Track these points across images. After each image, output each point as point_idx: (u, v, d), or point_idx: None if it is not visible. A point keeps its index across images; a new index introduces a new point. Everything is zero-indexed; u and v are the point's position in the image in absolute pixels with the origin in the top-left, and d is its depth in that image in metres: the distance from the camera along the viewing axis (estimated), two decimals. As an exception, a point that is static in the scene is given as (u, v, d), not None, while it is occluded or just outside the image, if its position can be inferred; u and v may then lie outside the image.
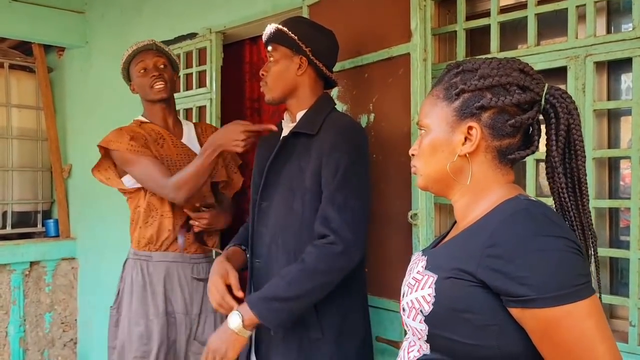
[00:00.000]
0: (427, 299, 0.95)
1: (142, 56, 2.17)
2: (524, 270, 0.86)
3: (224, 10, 2.90)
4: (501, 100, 0.97)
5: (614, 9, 1.73)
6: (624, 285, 1.67)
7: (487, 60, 1.02)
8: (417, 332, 0.98)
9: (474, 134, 0.99)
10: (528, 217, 0.90)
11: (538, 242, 0.87)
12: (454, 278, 0.93)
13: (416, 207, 1.82)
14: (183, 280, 2.16)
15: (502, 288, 0.88)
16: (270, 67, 1.74)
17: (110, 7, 3.72)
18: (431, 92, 1.07)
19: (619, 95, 1.73)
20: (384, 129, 1.98)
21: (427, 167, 1.05)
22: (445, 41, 2.07)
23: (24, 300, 3.83)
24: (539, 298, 0.85)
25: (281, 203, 1.68)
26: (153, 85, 2.14)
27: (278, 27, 1.73)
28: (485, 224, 0.95)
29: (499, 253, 0.88)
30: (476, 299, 0.91)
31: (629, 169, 1.66)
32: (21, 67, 4.06)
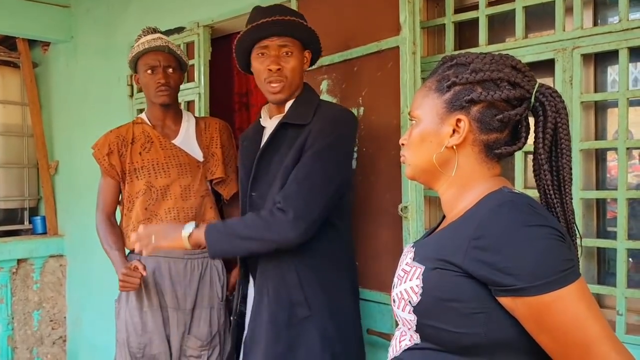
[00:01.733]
0: (415, 289, 0.97)
1: (152, 55, 2.13)
2: (512, 260, 0.88)
3: (212, 4, 2.88)
4: (491, 95, 0.98)
5: (600, 2, 1.75)
6: (611, 275, 1.70)
7: (481, 54, 1.04)
8: (407, 323, 1.01)
9: (461, 127, 1.00)
10: (513, 208, 0.92)
11: (523, 232, 0.89)
12: (440, 269, 0.95)
13: (406, 200, 1.83)
14: (175, 275, 2.14)
15: (490, 278, 0.89)
16: (289, 61, 1.67)
17: (96, 1, 3.68)
18: (424, 83, 1.09)
19: (605, 87, 1.75)
20: (373, 122, 1.99)
21: (415, 157, 1.06)
22: (434, 34, 2.08)
23: (12, 298, 3.79)
24: (529, 286, 0.87)
25: (271, 193, 1.67)
26: (157, 91, 2.13)
27: (294, 19, 1.66)
28: (471, 216, 0.96)
29: (486, 244, 0.90)
30: (462, 288, 0.93)
31: (616, 160, 1.68)
32: (5, 63, 4.00)
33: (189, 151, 2.21)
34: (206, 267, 2.19)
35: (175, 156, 2.18)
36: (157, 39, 2.14)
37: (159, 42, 2.13)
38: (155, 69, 2.12)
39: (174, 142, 2.21)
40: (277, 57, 1.65)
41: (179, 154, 2.19)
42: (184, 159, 2.18)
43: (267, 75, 1.66)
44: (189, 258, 2.16)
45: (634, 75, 1.71)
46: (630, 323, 1.61)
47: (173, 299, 2.14)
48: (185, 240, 1.63)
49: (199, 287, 2.16)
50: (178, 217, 2.14)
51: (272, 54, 1.65)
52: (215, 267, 2.22)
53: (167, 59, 2.14)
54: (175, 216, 2.14)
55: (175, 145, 2.21)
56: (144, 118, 2.25)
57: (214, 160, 2.23)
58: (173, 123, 2.25)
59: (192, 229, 1.63)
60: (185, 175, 2.17)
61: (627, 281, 1.57)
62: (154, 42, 2.12)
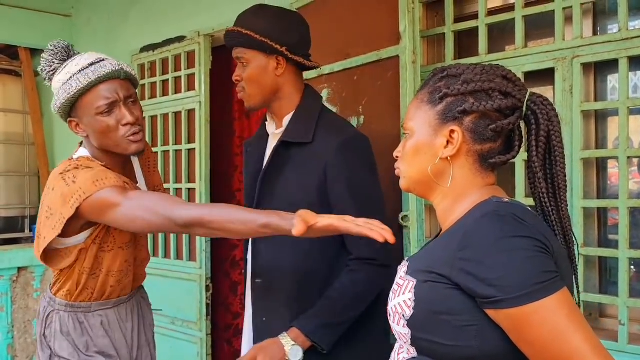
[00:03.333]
0: (407, 303, 0.97)
1: (106, 87, 1.49)
2: (491, 271, 0.88)
3: (213, 13, 2.89)
4: (483, 105, 0.99)
5: (600, 11, 1.75)
6: (613, 285, 1.69)
7: (471, 65, 1.04)
8: (402, 337, 1.01)
9: (455, 138, 1.00)
10: (495, 219, 0.92)
11: (503, 243, 0.89)
12: (431, 282, 0.95)
13: (407, 209, 1.83)
14: (122, 324, 1.71)
15: (474, 290, 0.90)
16: (244, 71, 1.56)
17: (97, 11, 3.70)
18: (416, 95, 1.09)
19: (605, 95, 1.75)
20: (373, 131, 1.98)
21: (410, 169, 1.06)
22: (434, 43, 2.08)
23: (12, 306, 3.78)
24: (506, 298, 0.87)
25: None
26: (129, 137, 1.52)
27: (240, 30, 1.55)
28: (459, 228, 0.96)
29: (469, 256, 0.90)
30: (453, 301, 0.92)
31: (616, 168, 1.68)
32: (7, 71, 4.02)
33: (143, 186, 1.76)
34: (138, 301, 1.80)
35: None
36: (100, 62, 1.51)
37: (108, 68, 1.50)
38: (115, 106, 1.50)
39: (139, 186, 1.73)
40: (239, 67, 1.58)
41: None
42: None
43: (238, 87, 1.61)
44: (127, 300, 1.74)
45: (634, 83, 1.71)
46: (633, 333, 1.60)
47: (127, 350, 1.72)
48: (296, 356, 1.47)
49: (139, 326, 1.77)
50: (142, 265, 1.77)
51: (239, 64, 1.59)
52: (143, 297, 1.84)
53: (125, 88, 1.53)
54: (140, 265, 1.76)
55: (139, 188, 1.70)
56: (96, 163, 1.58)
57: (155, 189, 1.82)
58: (130, 166, 1.71)
59: (302, 352, 1.45)
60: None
61: (629, 290, 1.57)
62: (100, 70, 1.48)
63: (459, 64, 1.06)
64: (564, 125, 1.67)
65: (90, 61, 1.50)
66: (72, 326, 1.63)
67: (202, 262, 2.93)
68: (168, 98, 3.14)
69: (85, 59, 1.52)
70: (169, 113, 3.14)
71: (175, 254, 3.13)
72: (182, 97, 3.05)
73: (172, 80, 3.12)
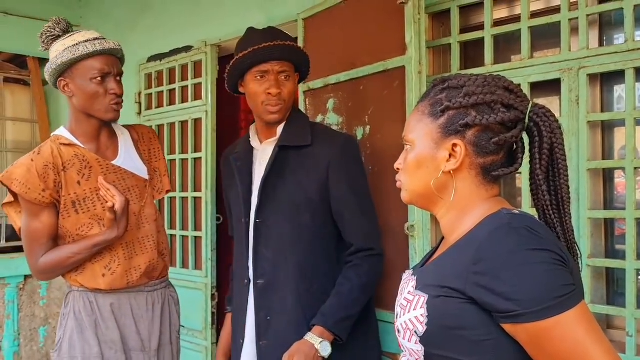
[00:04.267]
0: (420, 319, 0.95)
1: (104, 60, 1.68)
2: (509, 285, 0.87)
3: (219, 23, 2.91)
4: (485, 119, 0.97)
5: (606, 22, 1.75)
6: (620, 296, 1.68)
7: (472, 77, 1.03)
8: (414, 353, 0.98)
9: (458, 152, 0.99)
10: (510, 232, 0.91)
11: (520, 256, 0.88)
12: (444, 297, 0.93)
13: (412, 219, 1.83)
14: (137, 311, 1.80)
15: (490, 304, 0.88)
16: (287, 85, 1.67)
17: (105, 21, 3.73)
18: (417, 107, 1.08)
19: (612, 106, 1.75)
20: (379, 141, 1.99)
21: (412, 183, 1.05)
22: (440, 54, 2.09)
23: (19, 314, 3.79)
24: (526, 312, 0.85)
25: (283, 219, 1.66)
26: (111, 104, 1.71)
27: (292, 44, 1.68)
28: (471, 241, 0.95)
29: (484, 269, 0.89)
30: (468, 315, 0.91)
31: (622, 177, 1.67)
32: (16, 81, 4.05)
33: (133, 170, 1.82)
34: (165, 298, 1.90)
35: (121, 180, 1.78)
36: (101, 39, 1.71)
37: (111, 45, 1.71)
38: (108, 77, 1.69)
39: (115, 163, 1.79)
40: (277, 81, 1.65)
41: (124, 176, 1.79)
42: (130, 181, 1.80)
43: (266, 99, 1.65)
44: (150, 291, 1.85)
45: (640, 94, 1.71)
46: (641, 344, 1.60)
47: (137, 340, 1.80)
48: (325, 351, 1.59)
49: (162, 322, 1.86)
50: (134, 250, 1.79)
51: (272, 77, 1.65)
52: (171, 296, 1.94)
53: (118, 66, 1.74)
54: (132, 250, 1.79)
55: (117, 166, 1.78)
56: (68, 137, 1.76)
57: (158, 175, 1.92)
58: (108, 139, 1.81)
59: (329, 345, 1.59)
60: (134, 200, 1.80)
61: (637, 302, 1.56)
62: (106, 44, 1.69)
63: (460, 75, 1.05)
64: (571, 135, 1.67)
65: (96, 36, 1.72)
66: (82, 305, 1.76)
67: (207, 271, 2.94)
68: (175, 107, 3.16)
69: (91, 33, 1.74)
70: (175, 122, 3.15)
71: (181, 262, 3.14)
72: (188, 106, 3.06)
73: (179, 90, 3.14)
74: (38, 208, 1.69)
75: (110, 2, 3.71)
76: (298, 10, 2.34)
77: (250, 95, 1.69)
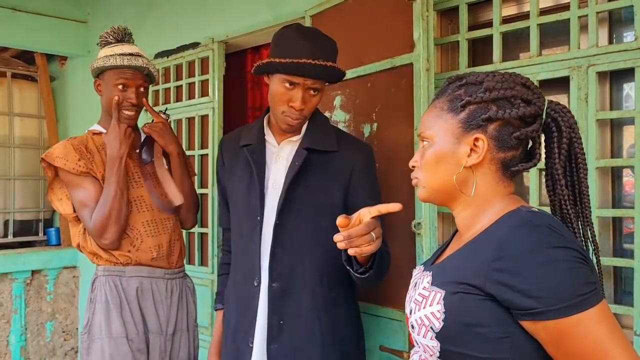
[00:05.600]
0: (436, 315, 0.95)
1: (128, 73, 1.94)
2: (531, 283, 0.87)
3: (226, 20, 2.91)
4: (507, 113, 0.98)
5: (615, 20, 1.74)
6: (628, 295, 1.68)
7: (490, 73, 1.03)
8: (429, 349, 0.98)
9: (480, 146, 0.99)
10: (533, 229, 0.91)
11: (543, 254, 0.88)
12: (462, 293, 0.93)
13: (420, 217, 1.83)
14: (157, 296, 1.99)
15: (511, 301, 0.89)
16: (312, 100, 1.61)
17: (112, 17, 3.74)
18: (433, 104, 1.08)
19: (621, 104, 1.74)
20: (386, 139, 1.99)
21: (432, 179, 1.05)
22: (448, 51, 2.09)
23: (26, 309, 3.82)
24: (548, 310, 0.86)
25: (305, 221, 1.62)
26: (126, 110, 1.96)
27: (333, 65, 1.59)
28: (490, 237, 0.95)
29: (506, 266, 0.89)
30: (486, 312, 0.91)
31: (630, 176, 1.67)
32: (24, 76, 4.07)
33: (157, 161, 2.07)
34: (182, 287, 2.08)
35: (145, 168, 2.04)
36: (136, 55, 1.96)
37: (140, 62, 1.95)
38: (129, 88, 1.95)
39: (137, 151, 2.05)
40: (304, 96, 1.58)
41: (147, 166, 2.05)
42: (150, 168, 2.04)
43: (287, 110, 1.60)
44: (169, 278, 2.03)
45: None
46: (648, 344, 1.59)
47: (156, 323, 1.98)
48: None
49: (178, 309, 2.04)
50: (157, 230, 1.99)
51: (300, 91, 1.57)
52: (188, 287, 2.12)
53: (143, 79, 1.99)
54: (155, 229, 1.99)
55: (137, 153, 2.05)
56: (99, 129, 2.05)
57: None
58: (137, 137, 2.09)
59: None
60: (153, 184, 2.02)
61: (645, 301, 1.55)
62: (134, 61, 1.94)
63: (475, 72, 1.05)
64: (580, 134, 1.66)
65: (131, 51, 1.97)
66: (109, 288, 1.94)
67: (213, 267, 2.94)
68: (182, 104, 3.17)
69: (130, 48, 1.98)
70: (182, 118, 3.16)
71: (187, 258, 3.14)
72: (195, 102, 3.07)
73: (186, 86, 3.15)
74: (79, 178, 1.91)
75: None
76: (306, 7, 2.34)
77: (273, 95, 1.62)
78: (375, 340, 1.97)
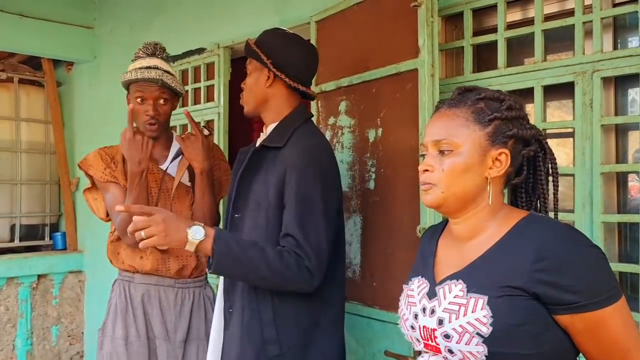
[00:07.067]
0: (482, 320, 0.99)
1: (143, 86, 1.99)
2: (573, 279, 0.97)
3: (232, 25, 2.93)
4: (524, 132, 1.09)
5: (620, 25, 1.74)
6: (633, 300, 1.67)
7: (502, 92, 1.14)
8: (471, 355, 1.01)
9: (502, 160, 1.08)
10: (565, 232, 1.02)
11: (579, 253, 0.99)
12: (507, 296, 0.99)
13: (425, 222, 1.83)
14: (165, 304, 2.04)
15: (554, 297, 0.97)
16: (246, 80, 1.76)
17: (119, 23, 3.77)
18: (452, 111, 1.11)
19: (626, 109, 1.74)
20: (391, 144, 2.00)
21: (454, 186, 1.09)
22: (453, 56, 2.09)
23: (32, 313, 3.83)
24: (590, 303, 0.96)
25: (250, 216, 1.67)
26: (145, 124, 1.99)
27: (249, 39, 1.74)
28: (521, 241, 1.03)
29: (548, 266, 0.98)
30: (531, 311, 0.99)
31: (635, 181, 1.66)
32: (30, 82, 4.10)
33: (173, 174, 2.07)
34: (199, 296, 2.10)
35: (162, 181, 2.06)
36: (152, 68, 2.00)
37: (153, 74, 1.97)
38: (146, 100, 1.99)
39: (161, 167, 2.08)
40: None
41: (165, 178, 2.06)
42: (170, 184, 2.06)
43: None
44: (180, 287, 2.06)
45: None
46: (654, 350, 1.58)
47: (162, 329, 2.03)
48: (191, 245, 1.45)
49: (191, 318, 2.06)
50: None
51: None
52: (207, 296, 2.13)
53: (160, 91, 2.00)
54: None
55: (162, 169, 2.07)
56: None
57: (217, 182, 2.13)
58: (162, 148, 2.11)
59: (201, 238, 1.45)
60: (171, 200, 2.04)
61: (651, 307, 1.55)
62: (147, 73, 1.97)
63: (484, 87, 1.17)
64: (584, 139, 1.66)
65: (146, 65, 2.01)
66: (119, 293, 2.07)
67: (219, 272, 2.95)
68: (187, 109, 3.18)
69: (148, 62, 2.03)
70: (188, 124, 3.17)
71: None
72: (201, 107, 3.08)
73: (192, 91, 3.16)
74: (106, 185, 2.03)
75: (124, 4, 3.74)
76: (311, 13, 2.35)
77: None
78: (381, 344, 1.97)
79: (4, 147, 3.91)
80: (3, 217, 3.90)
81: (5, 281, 3.71)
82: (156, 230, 1.42)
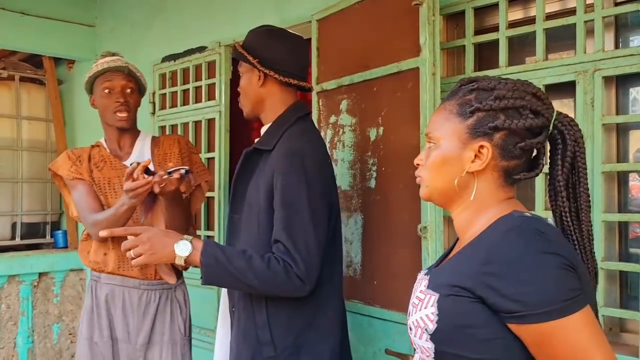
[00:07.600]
0: (430, 317, 0.97)
1: (110, 76, 2.01)
2: (516, 287, 0.89)
3: (233, 24, 2.93)
4: (514, 123, 0.99)
5: (622, 24, 1.75)
6: (633, 299, 1.67)
7: (502, 80, 1.04)
8: (425, 350, 1.00)
9: (484, 153, 1.00)
10: (520, 234, 0.93)
11: (529, 259, 0.90)
12: (454, 295, 0.95)
13: (425, 220, 1.83)
14: (128, 305, 2.02)
15: (497, 304, 0.90)
16: (240, 83, 1.75)
17: (120, 21, 3.77)
18: (443, 104, 1.08)
19: (627, 108, 1.74)
20: (392, 142, 2.00)
21: (435, 180, 1.06)
22: (454, 55, 2.09)
23: (33, 311, 3.84)
24: (531, 314, 0.88)
25: (246, 219, 1.68)
26: (116, 112, 2.00)
27: (236, 43, 1.73)
28: (482, 241, 0.97)
29: (493, 270, 0.91)
30: (477, 314, 0.93)
31: (636, 180, 1.67)
32: (31, 80, 4.10)
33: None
34: (166, 299, 2.06)
35: (121, 175, 1.98)
36: (116, 60, 2.05)
37: (118, 63, 2.02)
38: (113, 90, 2.00)
39: (124, 163, 2.08)
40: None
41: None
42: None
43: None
44: (146, 289, 2.03)
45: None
46: (655, 348, 1.59)
47: (124, 331, 2.02)
48: (179, 259, 1.48)
49: (155, 321, 2.03)
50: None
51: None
52: (177, 299, 2.09)
53: (127, 80, 2.03)
54: (124, 239, 1.89)
55: (125, 165, 2.06)
56: (102, 142, 2.14)
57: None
58: (128, 145, 2.12)
59: (189, 252, 1.47)
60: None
61: (651, 306, 1.55)
62: (113, 63, 2.02)
63: (488, 77, 1.05)
64: (585, 138, 1.66)
65: (109, 59, 2.04)
66: (89, 292, 2.08)
67: (219, 270, 2.95)
68: (188, 107, 3.19)
69: (109, 57, 2.06)
70: (189, 122, 3.18)
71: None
72: (202, 106, 3.08)
73: (193, 90, 3.16)
74: (72, 182, 2.04)
75: (125, 3, 3.74)
76: (312, 12, 2.35)
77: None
78: (382, 343, 1.97)
79: (5, 145, 3.91)
80: (4, 215, 3.90)
81: (6, 279, 3.71)
82: (143, 250, 1.48)
